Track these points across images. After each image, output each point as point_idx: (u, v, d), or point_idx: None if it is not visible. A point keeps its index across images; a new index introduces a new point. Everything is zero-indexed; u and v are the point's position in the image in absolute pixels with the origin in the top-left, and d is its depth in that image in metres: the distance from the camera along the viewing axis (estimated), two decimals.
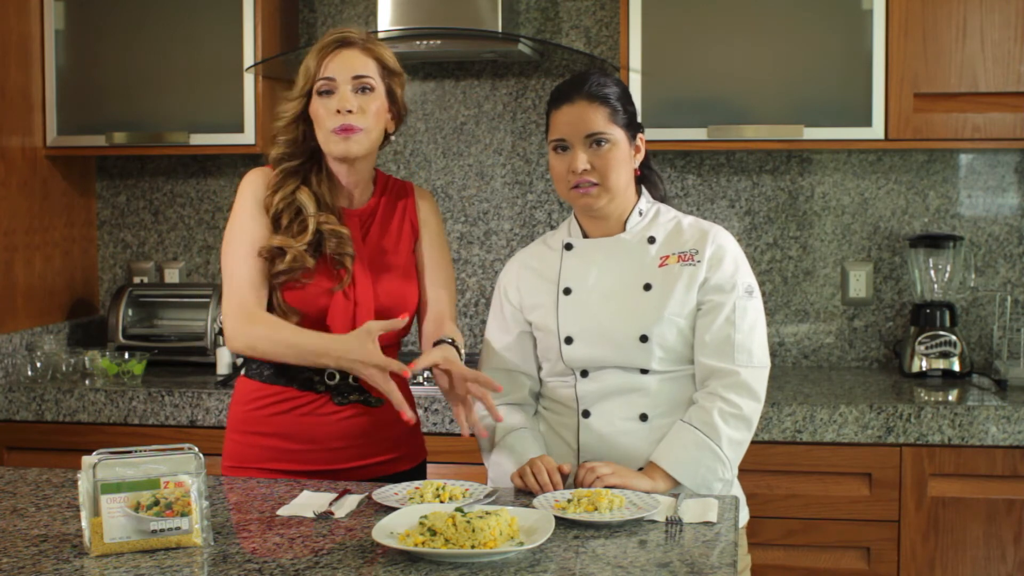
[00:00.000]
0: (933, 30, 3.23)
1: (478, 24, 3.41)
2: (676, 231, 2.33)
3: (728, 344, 2.24)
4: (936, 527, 3.04)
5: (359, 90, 2.31)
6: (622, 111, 2.29)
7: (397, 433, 2.39)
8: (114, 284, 3.97)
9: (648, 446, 2.26)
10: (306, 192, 2.34)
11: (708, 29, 3.32)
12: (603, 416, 2.30)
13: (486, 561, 1.77)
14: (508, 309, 2.41)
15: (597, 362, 2.30)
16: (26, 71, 3.58)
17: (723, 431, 2.21)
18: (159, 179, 3.96)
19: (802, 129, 3.28)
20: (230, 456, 2.40)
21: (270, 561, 1.79)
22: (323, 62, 2.31)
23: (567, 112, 2.28)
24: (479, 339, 3.80)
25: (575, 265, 2.35)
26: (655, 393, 2.27)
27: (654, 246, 2.32)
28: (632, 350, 2.26)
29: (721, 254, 2.29)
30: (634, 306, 2.27)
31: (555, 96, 2.32)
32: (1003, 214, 3.57)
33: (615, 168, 2.27)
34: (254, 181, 2.38)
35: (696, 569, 1.76)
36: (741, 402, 2.23)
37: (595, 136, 2.26)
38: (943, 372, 3.40)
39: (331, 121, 2.30)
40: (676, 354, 2.28)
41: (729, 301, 2.26)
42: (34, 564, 1.78)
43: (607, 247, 2.34)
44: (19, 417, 3.34)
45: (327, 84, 2.30)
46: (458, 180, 3.81)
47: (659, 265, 2.29)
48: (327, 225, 2.32)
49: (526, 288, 2.39)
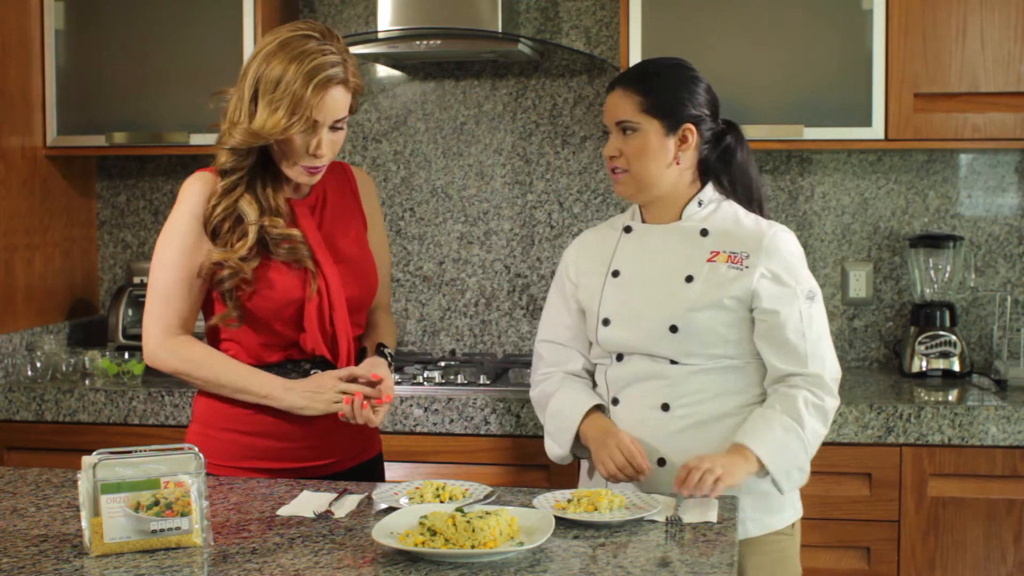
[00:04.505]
0: (933, 30, 3.23)
1: (478, 24, 3.41)
2: (733, 228, 2.31)
3: (802, 354, 2.24)
4: (936, 527, 3.04)
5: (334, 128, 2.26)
6: (664, 100, 2.28)
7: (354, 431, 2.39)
8: (114, 284, 3.97)
9: (667, 436, 2.25)
10: (247, 199, 2.27)
11: (708, 29, 3.32)
12: (629, 403, 2.30)
13: (486, 561, 1.77)
14: (568, 287, 2.43)
15: (628, 347, 2.30)
16: (26, 71, 3.58)
17: (807, 420, 2.20)
18: (159, 179, 3.96)
19: (802, 129, 3.28)
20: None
21: (270, 561, 1.79)
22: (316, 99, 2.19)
23: (608, 99, 2.33)
24: (479, 339, 3.80)
25: (629, 249, 2.36)
26: (680, 384, 2.26)
27: (706, 239, 2.30)
28: (661, 339, 2.26)
29: (774, 262, 2.26)
30: (671, 295, 2.27)
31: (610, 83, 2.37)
32: (1003, 214, 3.57)
33: (640, 157, 2.27)
34: (195, 192, 2.30)
35: (696, 569, 1.76)
36: (824, 396, 2.24)
37: (623, 124, 2.29)
38: (943, 372, 3.40)
39: (304, 158, 2.24)
40: (705, 348, 2.26)
41: (793, 311, 2.24)
42: (34, 564, 1.78)
43: (661, 234, 2.34)
44: (19, 417, 3.34)
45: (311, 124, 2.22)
46: (458, 180, 3.81)
47: (707, 259, 2.28)
48: (274, 229, 2.27)
49: (582, 267, 2.42)
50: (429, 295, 3.83)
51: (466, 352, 3.79)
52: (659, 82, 2.30)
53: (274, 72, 2.20)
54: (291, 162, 2.26)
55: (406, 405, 3.19)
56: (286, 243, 2.28)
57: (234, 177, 2.27)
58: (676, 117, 2.29)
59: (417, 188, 3.82)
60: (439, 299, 3.82)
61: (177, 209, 2.31)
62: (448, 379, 3.33)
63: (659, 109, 2.28)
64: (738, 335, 2.27)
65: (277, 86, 2.19)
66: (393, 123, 3.82)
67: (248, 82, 2.23)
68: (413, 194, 3.82)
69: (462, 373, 3.37)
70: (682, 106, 2.30)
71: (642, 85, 2.29)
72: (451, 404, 3.17)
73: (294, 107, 2.18)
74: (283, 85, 2.19)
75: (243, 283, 2.26)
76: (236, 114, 2.25)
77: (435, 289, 3.82)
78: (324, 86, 2.20)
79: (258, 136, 2.21)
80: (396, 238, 3.84)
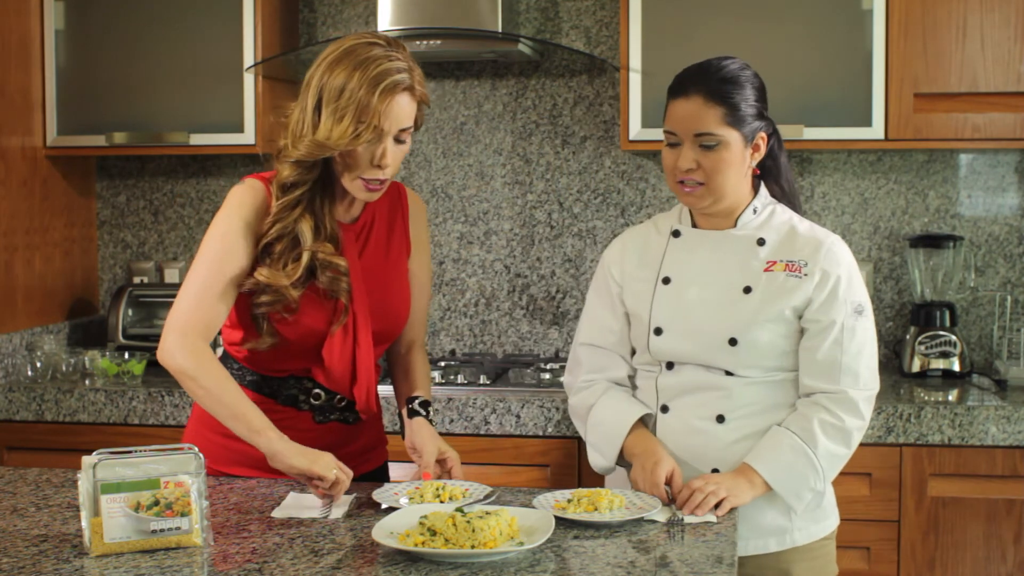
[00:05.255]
0: (933, 30, 3.23)
1: (478, 24, 3.41)
2: (789, 236, 2.23)
3: (835, 367, 2.17)
4: (936, 527, 3.04)
5: (398, 141, 2.16)
6: (744, 110, 2.17)
7: (362, 444, 2.36)
8: (114, 284, 3.97)
9: (722, 447, 2.20)
10: (307, 220, 2.17)
11: (708, 29, 3.32)
12: (680, 412, 2.23)
13: (486, 561, 1.77)
14: (614, 288, 2.32)
15: (683, 357, 2.23)
16: (26, 71, 3.58)
17: (820, 440, 2.15)
18: (159, 179, 3.96)
19: (802, 129, 3.28)
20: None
21: (270, 561, 1.79)
22: (383, 105, 2.10)
23: (682, 106, 2.17)
24: (479, 339, 3.80)
25: (679, 255, 2.27)
26: (736, 396, 2.20)
27: (763, 248, 2.22)
28: (719, 351, 2.19)
29: (832, 271, 2.19)
30: (730, 307, 2.19)
31: (674, 84, 2.21)
32: (1003, 214, 3.57)
33: (723, 171, 2.16)
34: (248, 203, 2.20)
35: (696, 569, 1.76)
36: (844, 415, 2.17)
37: (704, 136, 2.15)
38: (943, 372, 3.40)
39: (367, 171, 2.14)
40: (764, 361, 2.20)
41: (837, 322, 2.17)
42: (34, 564, 1.78)
43: (715, 241, 2.25)
44: (19, 417, 3.34)
45: (377, 132, 2.12)
46: (458, 180, 3.81)
47: (764, 269, 2.20)
48: (322, 255, 2.17)
49: (629, 270, 2.31)
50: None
51: (466, 352, 3.79)
52: (740, 91, 2.17)
53: (338, 80, 2.11)
54: (353, 175, 2.15)
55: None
56: (330, 271, 2.18)
57: (296, 193, 2.17)
58: (754, 126, 2.19)
59: (417, 188, 3.82)
60: (439, 299, 3.82)
61: (226, 214, 2.20)
62: (448, 379, 3.33)
63: (742, 121, 2.16)
64: (792, 346, 2.21)
65: (342, 94, 2.10)
66: None
67: (311, 92, 2.14)
68: None
69: (462, 373, 3.37)
70: (759, 114, 2.21)
71: (725, 95, 2.15)
72: (451, 404, 3.17)
73: (360, 114, 2.09)
74: (348, 92, 2.09)
75: (286, 310, 2.17)
76: (299, 127, 2.15)
77: (435, 289, 3.82)
78: (391, 92, 2.10)
79: (324, 147, 2.11)
80: None
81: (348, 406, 2.31)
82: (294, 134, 2.16)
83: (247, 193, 2.22)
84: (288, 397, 2.28)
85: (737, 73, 2.19)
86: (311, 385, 2.28)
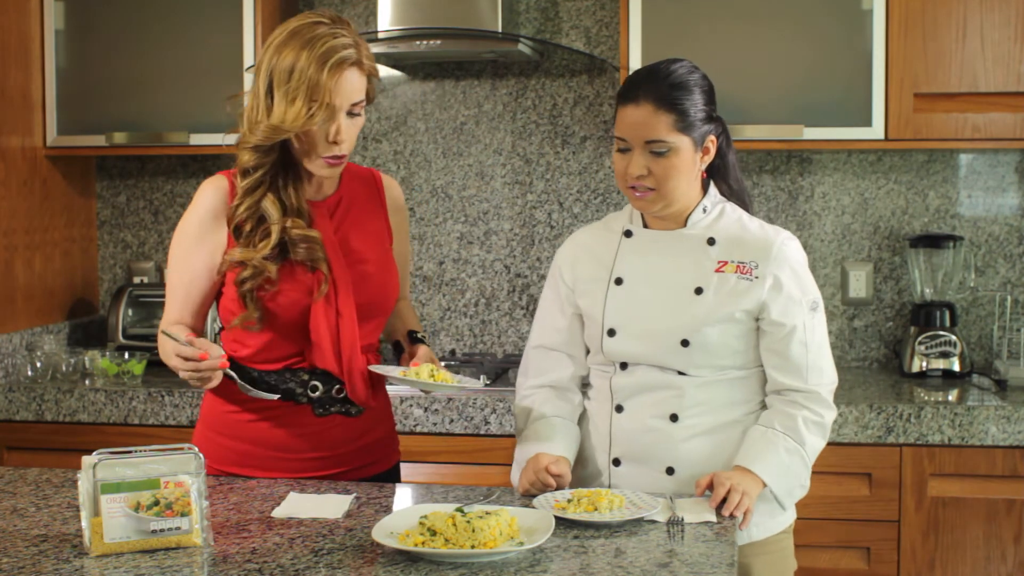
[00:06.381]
0: (933, 30, 3.23)
1: (478, 24, 3.41)
2: (739, 236, 2.25)
3: (804, 366, 2.22)
4: (936, 527, 3.04)
5: (352, 115, 2.21)
6: (693, 115, 2.17)
7: (370, 440, 2.37)
8: (114, 284, 3.98)
9: (676, 446, 2.22)
10: (271, 199, 2.23)
11: (708, 29, 3.32)
12: (635, 412, 2.26)
13: (486, 561, 1.77)
14: (563, 289, 2.35)
15: (636, 358, 2.25)
16: (26, 71, 3.58)
17: (808, 438, 2.20)
18: (159, 179, 3.96)
19: (802, 129, 3.28)
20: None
21: (270, 561, 1.79)
22: (332, 82, 2.16)
23: (632, 113, 2.17)
24: (479, 339, 3.80)
25: (631, 255, 2.29)
26: (689, 395, 2.22)
27: (714, 248, 2.24)
28: (671, 352, 2.22)
29: (783, 274, 2.21)
30: (681, 308, 2.22)
31: (624, 90, 2.21)
32: (1003, 214, 3.57)
33: (673, 177, 2.18)
34: (209, 194, 2.28)
35: (696, 569, 1.76)
36: (823, 411, 2.22)
37: (656, 144, 2.16)
38: (943, 372, 3.40)
39: (324, 147, 2.20)
40: (715, 361, 2.23)
41: (799, 323, 2.21)
42: (34, 564, 1.78)
43: (666, 241, 2.27)
44: (19, 417, 3.34)
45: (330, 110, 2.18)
46: (458, 180, 3.81)
47: (716, 270, 2.22)
48: (295, 230, 2.23)
49: (580, 271, 2.34)
50: (429, 295, 3.83)
51: (466, 352, 3.79)
52: (689, 96, 2.18)
53: (286, 61, 2.16)
54: (313, 155, 2.21)
55: (406, 405, 3.19)
56: (304, 244, 2.24)
57: (257, 175, 2.23)
58: (703, 130, 2.21)
59: (417, 188, 3.82)
60: (439, 299, 3.82)
61: (189, 210, 2.29)
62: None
63: (692, 126, 2.17)
64: (746, 346, 2.24)
65: (291, 75, 2.15)
66: (393, 123, 3.82)
67: (262, 76, 2.20)
68: (413, 194, 3.82)
69: (462, 373, 3.37)
70: (708, 117, 2.22)
71: (675, 101, 2.16)
72: (451, 404, 3.18)
73: (311, 94, 2.15)
74: (297, 73, 2.15)
75: (267, 283, 2.23)
76: (254, 112, 2.21)
77: (435, 289, 3.82)
78: (339, 68, 2.16)
79: (279, 130, 2.17)
80: None
81: (347, 397, 2.32)
82: (250, 120, 2.23)
83: (209, 186, 2.30)
84: (286, 392, 2.29)
85: (686, 78, 2.20)
86: (307, 377, 2.29)
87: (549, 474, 2.16)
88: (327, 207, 2.33)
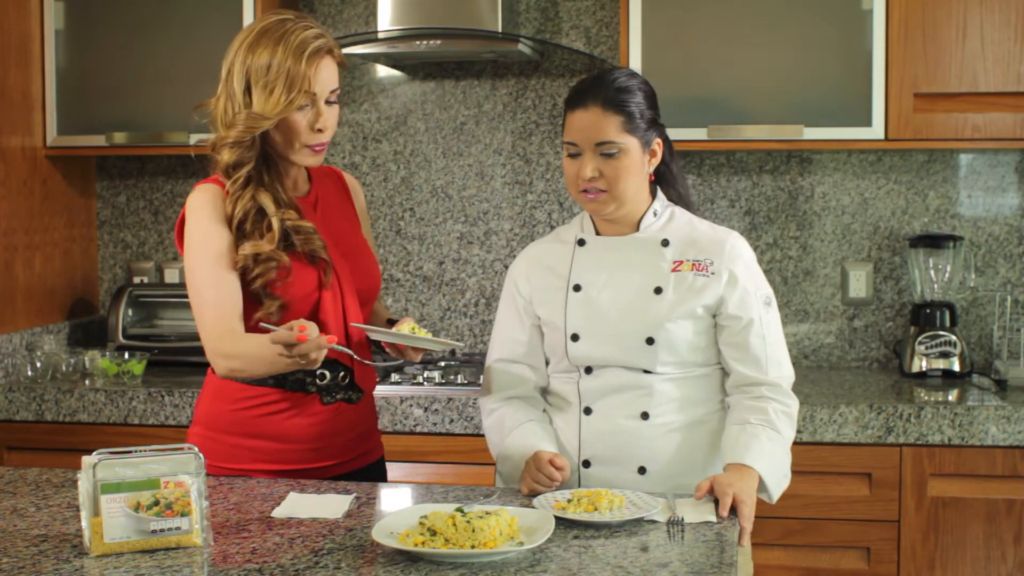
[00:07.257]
0: (933, 30, 3.23)
1: (478, 24, 3.41)
2: (691, 236, 2.31)
3: (763, 359, 2.27)
4: (936, 527, 3.04)
5: (329, 103, 2.27)
6: (640, 117, 2.25)
7: (362, 431, 2.42)
8: (114, 284, 3.98)
9: (648, 444, 2.26)
10: (264, 193, 2.27)
11: (708, 29, 3.32)
12: (605, 413, 2.29)
13: (486, 561, 1.77)
14: (520, 302, 2.39)
15: (602, 360, 2.29)
16: (26, 71, 3.58)
17: (783, 428, 2.25)
18: (159, 179, 3.96)
19: (802, 129, 3.28)
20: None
21: (270, 561, 1.79)
22: (311, 70, 2.22)
23: (581, 117, 2.25)
24: (479, 339, 3.80)
25: (586, 262, 2.34)
26: (657, 393, 2.27)
27: (668, 249, 2.30)
28: (637, 351, 2.26)
29: (738, 269, 2.28)
30: (643, 308, 2.26)
31: (571, 96, 2.29)
32: (1003, 214, 3.57)
33: (624, 178, 2.24)
34: (206, 199, 2.29)
35: (696, 569, 1.76)
36: (788, 401, 2.28)
37: (605, 145, 2.23)
38: (943, 372, 3.40)
39: (308, 136, 2.26)
40: (681, 358, 2.27)
41: (755, 316, 2.27)
42: (34, 564, 1.78)
43: (620, 246, 2.33)
44: (19, 417, 3.34)
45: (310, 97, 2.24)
46: (458, 180, 3.81)
47: (672, 270, 2.28)
48: (290, 222, 2.27)
49: (536, 282, 2.38)
50: (429, 295, 3.83)
51: (466, 352, 3.79)
52: (633, 99, 2.25)
53: (262, 59, 2.22)
54: (297, 144, 2.26)
55: (406, 405, 3.19)
56: (300, 235, 2.28)
57: (244, 171, 2.26)
58: (649, 133, 2.28)
59: (417, 188, 3.82)
60: (439, 299, 3.82)
61: (195, 218, 2.28)
62: (448, 379, 3.33)
63: (638, 128, 2.25)
64: (707, 342, 2.29)
65: (269, 70, 2.22)
66: (393, 123, 3.82)
67: (236, 77, 2.25)
68: (413, 194, 3.82)
69: (462, 373, 3.37)
70: (652, 120, 2.29)
71: (621, 103, 2.24)
72: (451, 404, 3.18)
73: (291, 83, 2.21)
74: (275, 66, 2.21)
75: (281, 273, 2.25)
76: (228, 114, 2.26)
77: (435, 289, 3.82)
78: (316, 56, 2.23)
79: (260, 118, 2.22)
80: (396, 238, 3.84)
81: (351, 383, 2.36)
82: (224, 121, 2.27)
83: (201, 193, 2.30)
84: (295, 382, 2.32)
85: (629, 82, 2.28)
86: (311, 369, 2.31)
87: (553, 466, 2.17)
88: (308, 203, 2.39)
